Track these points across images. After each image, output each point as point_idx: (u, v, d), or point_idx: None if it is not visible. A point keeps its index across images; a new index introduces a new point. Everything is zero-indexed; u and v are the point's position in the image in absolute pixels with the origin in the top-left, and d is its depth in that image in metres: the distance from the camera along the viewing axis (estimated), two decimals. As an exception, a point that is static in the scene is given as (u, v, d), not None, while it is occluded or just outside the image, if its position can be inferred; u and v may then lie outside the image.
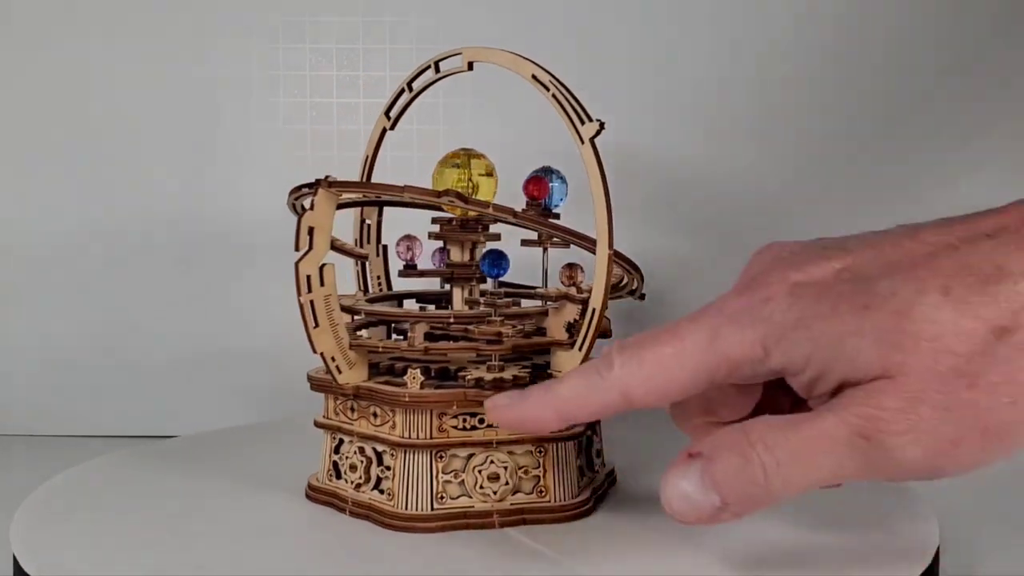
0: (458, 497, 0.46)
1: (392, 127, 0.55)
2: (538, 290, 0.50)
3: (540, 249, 0.52)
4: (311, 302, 0.45)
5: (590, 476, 0.49)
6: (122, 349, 0.70)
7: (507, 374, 0.45)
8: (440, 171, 0.50)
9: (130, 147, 0.70)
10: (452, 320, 0.47)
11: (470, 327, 0.46)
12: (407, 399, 0.45)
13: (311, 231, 0.45)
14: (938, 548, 0.44)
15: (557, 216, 0.53)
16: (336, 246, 0.49)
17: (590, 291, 0.45)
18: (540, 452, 0.46)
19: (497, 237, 0.51)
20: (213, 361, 0.70)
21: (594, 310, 0.45)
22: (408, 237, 0.53)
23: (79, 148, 0.70)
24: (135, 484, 0.52)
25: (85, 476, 0.53)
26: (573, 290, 0.48)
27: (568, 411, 0.38)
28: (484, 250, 0.51)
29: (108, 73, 0.69)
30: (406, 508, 0.45)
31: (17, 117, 0.70)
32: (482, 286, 0.52)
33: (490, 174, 0.50)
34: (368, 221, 0.56)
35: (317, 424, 0.50)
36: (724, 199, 0.70)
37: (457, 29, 0.69)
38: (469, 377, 0.45)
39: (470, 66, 0.51)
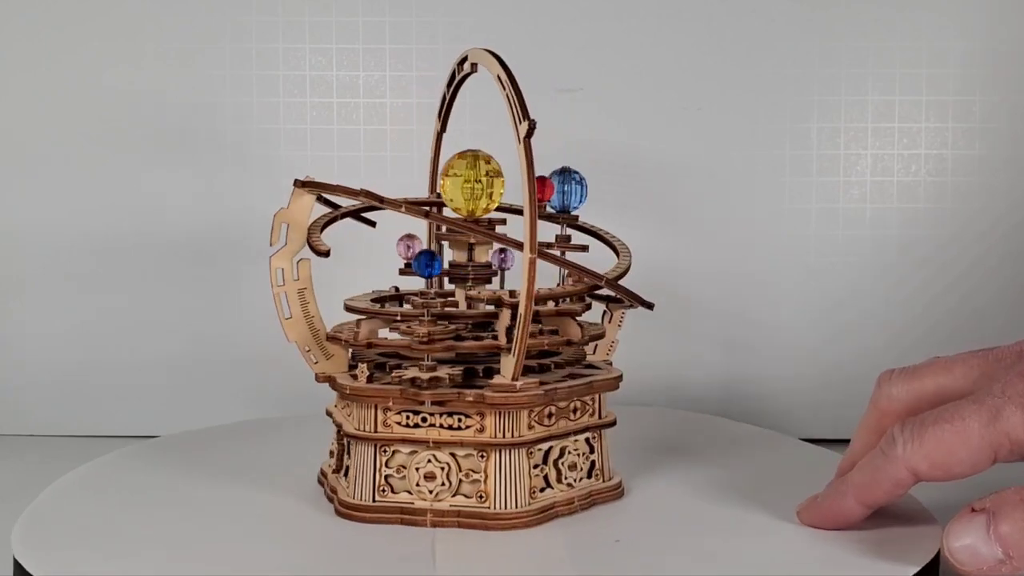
0: (400, 492, 0.47)
1: (443, 129, 0.57)
2: (470, 292, 0.50)
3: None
4: (284, 294, 0.48)
5: (561, 489, 0.48)
6: (123, 349, 0.70)
7: (441, 373, 0.46)
8: (447, 172, 0.50)
9: (129, 147, 0.70)
10: (399, 319, 0.48)
11: (400, 326, 0.48)
12: (348, 392, 0.47)
13: (285, 227, 0.49)
14: (939, 548, 0.44)
15: (575, 218, 0.53)
16: (310, 242, 0.50)
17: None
18: (482, 457, 0.47)
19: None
20: (215, 361, 0.70)
21: (521, 315, 0.45)
22: (408, 236, 0.53)
23: (78, 148, 0.70)
24: (136, 483, 0.52)
25: (86, 476, 0.53)
26: (506, 294, 0.48)
27: (863, 495, 0.43)
28: (492, 250, 0.52)
29: (107, 73, 0.69)
30: (353, 497, 0.47)
31: (18, 117, 0.70)
32: (487, 287, 0.52)
33: (498, 175, 0.50)
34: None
35: (327, 412, 0.52)
36: (726, 199, 0.70)
37: (458, 29, 0.69)
38: (405, 377, 0.46)
39: (474, 67, 0.51)
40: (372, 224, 0.54)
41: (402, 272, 0.54)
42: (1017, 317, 0.69)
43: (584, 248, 0.53)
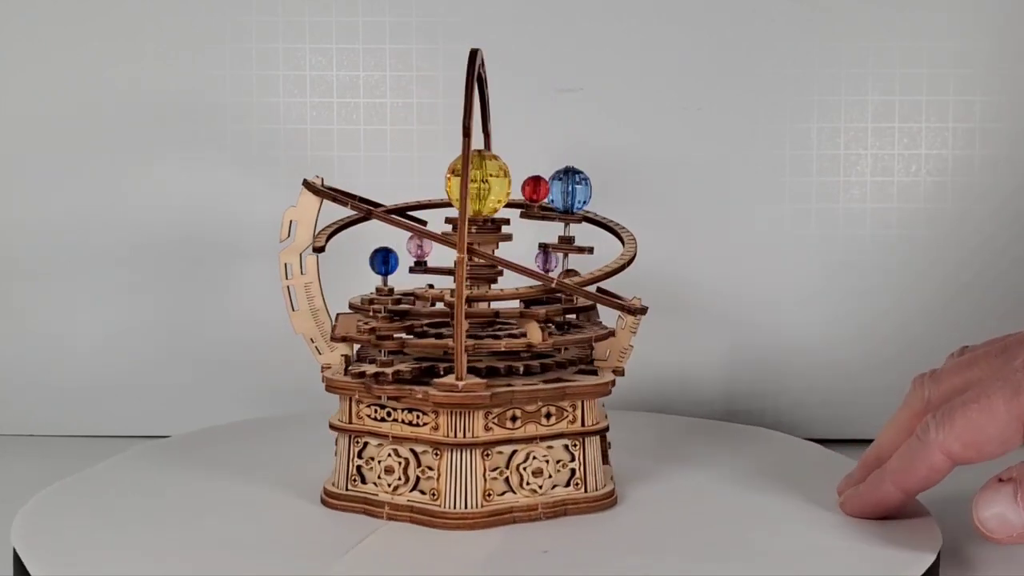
0: (368, 483, 0.48)
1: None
2: (416, 290, 0.50)
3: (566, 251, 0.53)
4: (291, 288, 0.51)
5: (524, 494, 0.48)
6: (125, 349, 0.70)
7: (390, 369, 0.47)
8: (453, 172, 0.50)
9: (130, 147, 0.70)
10: (371, 313, 0.49)
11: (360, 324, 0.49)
12: (326, 384, 0.49)
13: (293, 224, 0.51)
14: (939, 549, 0.44)
15: (579, 219, 0.53)
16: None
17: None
18: (436, 455, 0.47)
19: (508, 238, 0.51)
20: (218, 360, 0.70)
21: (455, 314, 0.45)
22: (419, 235, 0.53)
23: (78, 148, 0.70)
24: (137, 484, 0.52)
25: (86, 476, 0.53)
26: (448, 293, 0.49)
27: (902, 481, 0.45)
28: (536, 252, 0.52)
29: (107, 73, 0.69)
30: (332, 486, 0.49)
31: (19, 117, 0.70)
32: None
33: (504, 175, 0.50)
34: None
35: None
36: (726, 199, 0.70)
37: (458, 29, 0.69)
38: (356, 371, 0.48)
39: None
40: (423, 223, 0.54)
41: (412, 270, 0.54)
42: (1018, 316, 0.69)
43: (588, 250, 0.53)
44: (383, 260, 0.49)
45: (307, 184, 0.51)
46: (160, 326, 0.70)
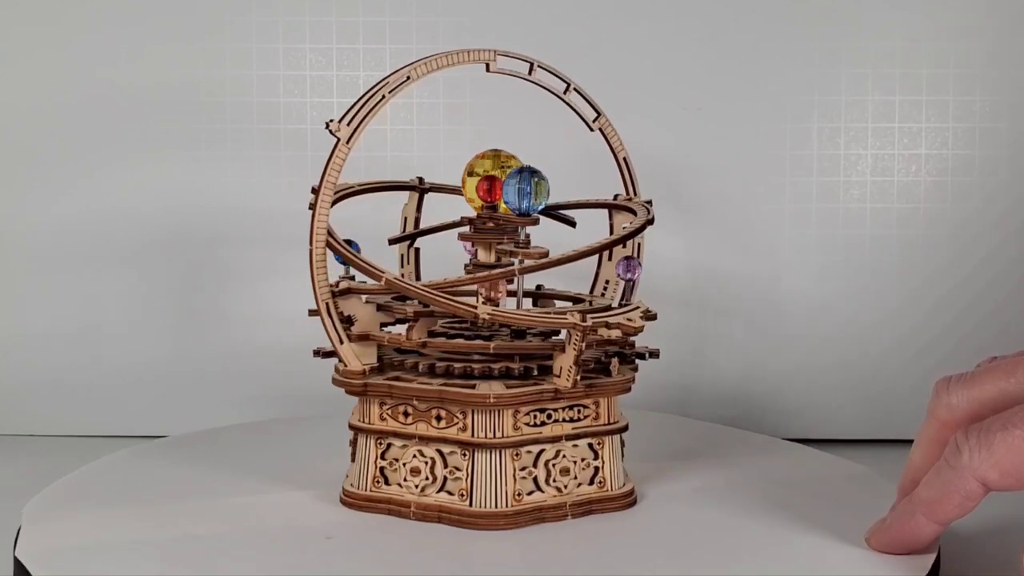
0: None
1: None
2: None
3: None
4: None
5: (408, 489, 0.47)
6: (124, 349, 0.70)
7: (326, 348, 0.50)
8: (470, 172, 0.50)
9: (130, 146, 0.70)
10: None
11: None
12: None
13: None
14: (939, 550, 0.44)
15: (536, 221, 0.50)
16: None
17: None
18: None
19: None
20: (217, 361, 0.70)
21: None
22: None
23: (78, 147, 0.70)
24: (137, 483, 0.52)
25: (86, 476, 0.53)
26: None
27: (934, 511, 0.41)
28: (619, 259, 0.52)
29: (106, 73, 0.69)
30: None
31: (18, 117, 0.70)
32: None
33: None
34: None
35: None
36: (726, 199, 0.71)
37: (458, 29, 0.69)
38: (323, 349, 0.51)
39: (487, 67, 0.51)
40: (572, 224, 0.54)
41: (467, 268, 0.54)
42: (1019, 317, 0.69)
43: (545, 254, 0.48)
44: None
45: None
46: (161, 326, 0.70)
